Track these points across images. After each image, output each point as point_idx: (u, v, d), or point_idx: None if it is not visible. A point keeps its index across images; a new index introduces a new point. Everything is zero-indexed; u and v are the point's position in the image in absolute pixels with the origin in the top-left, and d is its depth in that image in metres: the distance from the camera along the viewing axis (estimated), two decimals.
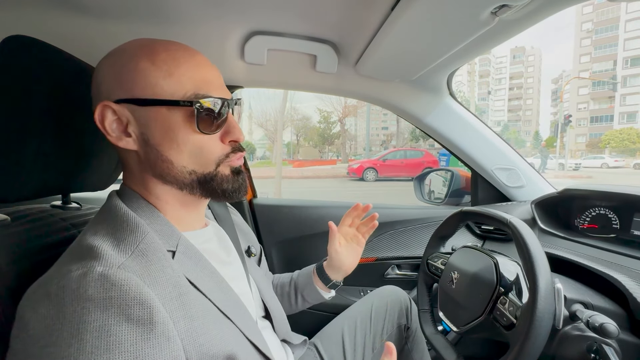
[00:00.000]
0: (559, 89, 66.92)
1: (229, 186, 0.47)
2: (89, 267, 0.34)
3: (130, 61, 0.42)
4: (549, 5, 0.58)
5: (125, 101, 0.42)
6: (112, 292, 0.33)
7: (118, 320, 0.32)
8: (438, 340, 0.75)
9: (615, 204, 0.81)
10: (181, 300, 0.38)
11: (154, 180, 0.46)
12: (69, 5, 0.66)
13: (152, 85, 0.42)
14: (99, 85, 0.44)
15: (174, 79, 0.42)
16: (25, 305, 0.34)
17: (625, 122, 46.41)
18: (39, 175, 0.47)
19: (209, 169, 0.45)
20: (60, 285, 0.33)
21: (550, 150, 23.28)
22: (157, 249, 0.40)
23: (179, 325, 0.37)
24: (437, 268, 0.81)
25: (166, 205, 0.47)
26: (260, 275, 0.65)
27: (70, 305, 0.32)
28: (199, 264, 0.45)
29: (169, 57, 0.43)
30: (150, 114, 0.42)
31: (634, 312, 0.56)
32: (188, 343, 0.37)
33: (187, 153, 0.44)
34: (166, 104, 0.42)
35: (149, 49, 0.43)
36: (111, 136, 0.43)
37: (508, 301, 0.58)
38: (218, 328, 0.41)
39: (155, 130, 0.42)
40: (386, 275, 1.24)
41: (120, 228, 0.40)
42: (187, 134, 0.43)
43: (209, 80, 0.45)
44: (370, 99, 1.09)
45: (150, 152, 0.43)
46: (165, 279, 0.38)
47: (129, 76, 0.42)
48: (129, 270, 0.35)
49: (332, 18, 0.72)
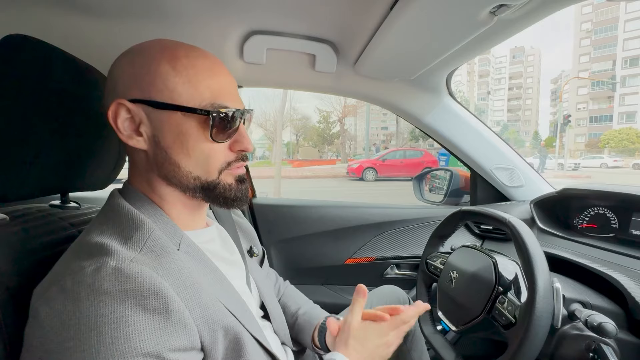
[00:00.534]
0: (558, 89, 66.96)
1: (231, 194, 0.47)
2: (102, 262, 0.35)
3: (150, 62, 0.42)
4: (547, 4, 0.58)
5: (140, 101, 0.42)
6: (127, 285, 0.34)
7: (135, 311, 0.33)
8: (437, 339, 0.75)
9: (614, 204, 0.82)
10: (195, 289, 0.39)
11: (159, 180, 0.46)
12: (69, 5, 0.66)
13: (170, 90, 0.42)
14: (116, 82, 0.44)
15: (192, 86, 0.43)
16: (39, 303, 0.35)
17: (624, 122, 46.47)
18: (37, 175, 0.47)
19: (212, 177, 0.46)
20: (76, 281, 0.34)
21: (550, 150, 23.29)
22: (164, 244, 0.41)
23: (195, 313, 0.38)
24: (436, 267, 0.81)
25: (169, 205, 0.47)
26: (262, 277, 0.65)
27: (86, 299, 0.32)
28: (201, 263, 0.45)
29: (189, 64, 0.43)
30: (165, 117, 0.43)
31: (633, 311, 0.56)
32: (203, 329, 0.38)
33: (194, 159, 0.44)
34: (183, 110, 0.42)
35: (170, 52, 0.43)
36: (122, 134, 0.43)
37: (507, 300, 0.58)
38: (227, 319, 0.42)
39: (168, 133, 0.43)
40: (385, 275, 1.24)
41: (127, 226, 0.41)
42: (199, 141, 0.44)
43: (226, 90, 0.46)
44: (369, 98, 1.09)
45: (160, 153, 0.44)
46: (177, 269, 0.39)
47: (147, 77, 0.42)
48: (141, 263, 0.36)
49: (331, 18, 0.72)
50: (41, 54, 0.46)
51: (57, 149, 0.49)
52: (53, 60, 0.48)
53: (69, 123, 0.50)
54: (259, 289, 0.61)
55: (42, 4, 0.66)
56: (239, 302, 0.47)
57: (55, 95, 0.47)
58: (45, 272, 0.38)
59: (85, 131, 0.53)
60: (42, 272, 0.38)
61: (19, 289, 0.41)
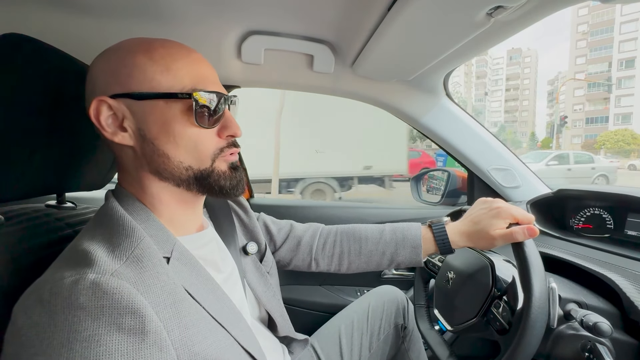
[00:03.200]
0: (554, 90, 67.43)
1: (226, 183, 0.47)
2: (81, 274, 0.33)
3: (126, 56, 0.42)
4: (544, 6, 0.58)
5: (121, 96, 0.42)
6: (103, 301, 0.32)
7: (109, 330, 0.32)
8: (432, 336, 0.75)
9: (609, 204, 0.82)
10: (176, 308, 0.38)
11: (150, 177, 0.45)
12: (66, 4, 0.66)
13: (149, 80, 0.42)
14: (94, 82, 0.44)
15: (171, 73, 0.43)
16: (18, 310, 0.34)
17: (620, 124, 46.85)
18: (33, 175, 0.46)
19: (205, 165, 0.45)
20: (53, 292, 0.32)
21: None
22: (152, 254, 0.39)
23: (173, 335, 0.36)
24: (435, 264, 0.82)
25: (161, 205, 0.46)
26: (258, 275, 0.64)
27: (61, 313, 0.31)
28: (193, 271, 0.44)
29: (166, 53, 0.43)
30: (147, 108, 0.42)
31: (628, 311, 0.56)
32: (182, 352, 0.36)
33: (183, 147, 0.44)
34: (164, 97, 0.42)
35: (146, 45, 0.44)
36: (106, 131, 0.42)
37: (502, 306, 0.58)
38: (212, 336, 0.41)
39: (152, 124, 0.42)
40: (383, 275, 1.24)
41: (116, 233, 0.40)
42: (184, 127, 0.43)
43: (206, 76, 0.45)
44: (366, 99, 1.10)
45: (147, 146, 0.43)
46: (159, 286, 0.37)
47: (125, 71, 0.42)
48: (122, 277, 0.34)
49: (329, 18, 0.72)
50: (38, 54, 0.46)
51: (53, 149, 0.48)
52: (49, 60, 0.48)
53: (65, 123, 0.50)
54: (255, 290, 0.60)
55: (39, 4, 0.66)
56: (231, 312, 0.46)
57: (51, 95, 0.47)
58: (41, 272, 0.37)
59: (82, 131, 0.53)
60: (38, 272, 0.38)
61: (14, 290, 0.40)
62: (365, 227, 0.74)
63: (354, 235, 0.73)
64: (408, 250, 0.67)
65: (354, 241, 0.72)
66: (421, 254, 0.67)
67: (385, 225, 0.72)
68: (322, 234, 0.75)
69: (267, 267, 0.66)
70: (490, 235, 0.59)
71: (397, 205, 1.35)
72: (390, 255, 0.69)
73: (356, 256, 0.71)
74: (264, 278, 0.64)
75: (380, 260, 0.70)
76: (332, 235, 0.75)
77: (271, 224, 0.75)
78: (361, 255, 0.71)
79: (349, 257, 0.72)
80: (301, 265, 0.75)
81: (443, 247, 0.65)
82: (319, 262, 0.73)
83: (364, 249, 0.71)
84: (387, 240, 0.69)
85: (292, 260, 0.74)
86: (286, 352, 0.66)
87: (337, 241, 0.73)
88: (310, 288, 1.25)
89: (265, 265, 0.66)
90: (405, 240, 0.68)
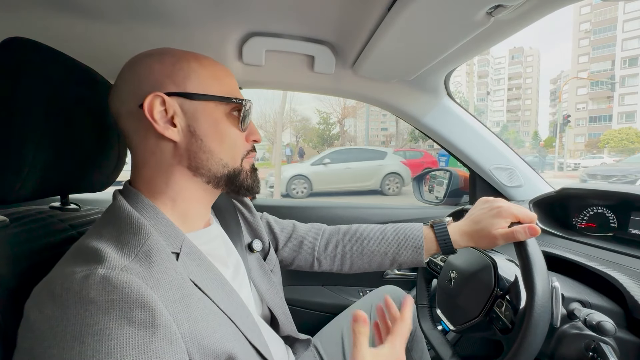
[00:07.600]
0: (557, 89, 67.05)
1: (250, 182, 0.52)
2: (92, 269, 0.34)
3: (180, 60, 0.47)
4: (543, 5, 0.58)
5: (176, 94, 0.45)
6: (114, 295, 0.33)
7: (120, 324, 0.32)
8: (435, 336, 0.75)
9: (613, 203, 0.82)
10: (185, 302, 0.38)
11: (185, 171, 0.47)
12: (68, 8, 0.67)
13: (202, 83, 0.47)
14: (142, 79, 0.45)
15: (217, 80, 0.48)
16: (31, 305, 0.35)
17: (624, 122, 46.50)
18: (37, 177, 0.47)
19: (237, 164, 0.50)
20: (65, 287, 0.33)
21: (550, 150, 23.31)
22: (160, 250, 0.40)
23: (183, 328, 0.37)
24: (437, 264, 0.82)
25: (182, 201, 0.48)
26: (262, 273, 0.64)
27: (73, 307, 0.32)
28: (202, 266, 0.45)
29: (209, 63, 0.49)
30: (200, 107, 0.46)
31: (632, 310, 0.56)
32: (191, 345, 0.37)
33: (226, 146, 0.48)
34: (219, 99, 0.47)
35: (192, 54, 0.49)
36: (159, 125, 0.44)
37: (505, 305, 0.58)
38: (221, 330, 0.41)
39: (204, 122, 0.47)
40: (385, 276, 1.24)
41: (124, 230, 0.40)
42: (229, 128, 0.49)
43: (237, 88, 0.52)
44: (368, 99, 1.10)
45: (195, 142, 0.46)
46: (168, 280, 0.38)
47: (182, 72, 0.46)
48: (131, 272, 0.35)
49: (330, 19, 0.73)
50: (41, 57, 0.46)
51: (57, 151, 0.49)
52: (53, 63, 0.48)
53: (68, 125, 0.50)
54: (259, 288, 0.61)
55: (42, 7, 0.66)
56: (239, 306, 0.47)
57: (55, 98, 0.48)
58: (45, 273, 0.38)
59: (85, 133, 0.53)
60: (42, 273, 0.38)
61: (19, 291, 0.41)
62: (367, 228, 0.74)
63: (356, 236, 0.73)
64: (410, 251, 0.67)
65: (356, 241, 0.72)
66: (423, 254, 0.66)
67: (387, 226, 0.72)
68: (325, 234, 0.76)
69: (270, 265, 0.67)
70: (492, 235, 0.59)
71: (399, 205, 1.35)
72: (392, 256, 0.69)
73: (358, 256, 0.71)
74: (267, 276, 0.64)
75: (382, 261, 0.70)
76: (334, 236, 0.75)
77: (274, 224, 0.76)
78: (363, 255, 0.71)
79: (351, 257, 0.72)
80: (304, 265, 0.75)
81: (445, 247, 0.65)
82: (321, 262, 0.74)
83: (366, 249, 0.71)
84: (389, 241, 0.70)
85: (295, 260, 0.75)
86: (290, 352, 0.66)
87: (340, 241, 0.74)
88: (312, 288, 1.25)
89: (268, 263, 0.66)
90: (407, 240, 0.68)
